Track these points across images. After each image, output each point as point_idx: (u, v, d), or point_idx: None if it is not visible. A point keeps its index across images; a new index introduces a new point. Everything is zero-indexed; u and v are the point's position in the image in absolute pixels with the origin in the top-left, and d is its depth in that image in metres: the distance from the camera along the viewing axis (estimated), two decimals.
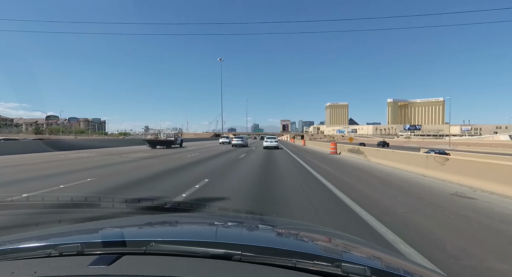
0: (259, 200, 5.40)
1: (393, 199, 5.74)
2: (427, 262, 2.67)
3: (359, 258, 1.11)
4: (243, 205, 4.89)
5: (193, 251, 0.87)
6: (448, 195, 6.00)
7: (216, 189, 6.39)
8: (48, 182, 6.97)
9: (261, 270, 0.77)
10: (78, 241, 0.93)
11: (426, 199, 5.60)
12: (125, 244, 0.93)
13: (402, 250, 2.96)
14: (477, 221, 4.19)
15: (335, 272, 0.78)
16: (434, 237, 3.43)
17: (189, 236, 1.26)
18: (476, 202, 5.40)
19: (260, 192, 6.12)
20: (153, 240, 0.93)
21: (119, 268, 0.76)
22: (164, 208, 3.83)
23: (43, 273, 0.75)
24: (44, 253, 0.89)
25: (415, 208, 4.96)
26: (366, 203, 5.17)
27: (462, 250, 3.05)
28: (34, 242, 1.02)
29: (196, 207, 3.83)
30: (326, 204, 5.21)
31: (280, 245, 1.12)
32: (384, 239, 3.31)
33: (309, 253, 0.91)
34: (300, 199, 5.43)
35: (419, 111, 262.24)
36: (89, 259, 0.82)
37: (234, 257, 0.83)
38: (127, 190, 6.10)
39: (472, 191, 6.36)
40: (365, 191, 6.56)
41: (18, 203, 4.61)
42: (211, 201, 5.18)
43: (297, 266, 0.80)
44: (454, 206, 5.11)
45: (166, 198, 5.19)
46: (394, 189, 6.82)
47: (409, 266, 1.06)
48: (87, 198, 4.36)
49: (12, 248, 0.95)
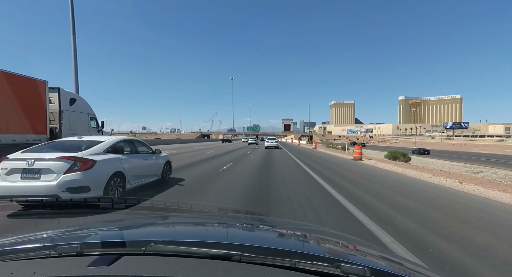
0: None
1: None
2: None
3: (358, 259, 1.14)
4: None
5: (193, 252, 0.88)
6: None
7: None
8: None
9: (261, 270, 0.79)
10: (77, 242, 0.96)
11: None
12: (124, 245, 0.95)
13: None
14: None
15: (334, 272, 0.79)
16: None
17: (188, 236, 1.28)
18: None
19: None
20: (152, 240, 0.95)
21: (118, 269, 0.78)
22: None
23: (43, 273, 0.77)
24: (44, 253, 0.91)
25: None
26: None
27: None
28: (33, 242, 1.04)
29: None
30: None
31: (279, 245, 1.15)
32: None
33: (308, 254, 0.93)
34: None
35: (433, 109, 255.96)
36: (88, 259, 0.84)
37: (233, 257, 0.85)
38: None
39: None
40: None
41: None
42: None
43: (297, 266, 0.81)
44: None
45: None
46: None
47: (408, 266, 1.07)
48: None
49: (11, 249, 0.97)
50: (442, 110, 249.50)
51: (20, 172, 4.37)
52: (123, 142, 6.13)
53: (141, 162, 6.28)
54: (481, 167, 16.13)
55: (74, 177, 4.41)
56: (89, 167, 4.64)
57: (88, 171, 4.60)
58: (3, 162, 4.48)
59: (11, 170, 4.38)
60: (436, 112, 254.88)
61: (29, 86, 10.06)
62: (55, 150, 4.87)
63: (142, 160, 6.37)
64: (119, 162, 5.39)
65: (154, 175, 6.80)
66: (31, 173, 4.37)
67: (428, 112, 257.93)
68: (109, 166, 5.07)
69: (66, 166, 4.43)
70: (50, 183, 4.26)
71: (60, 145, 5.28)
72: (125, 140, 6.33)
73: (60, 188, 4.25)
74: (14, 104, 9.17)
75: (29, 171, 4.37)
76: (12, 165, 4.41)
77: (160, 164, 7.15)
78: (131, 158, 5.92)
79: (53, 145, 5.34)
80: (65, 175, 4.37)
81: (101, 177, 4.79)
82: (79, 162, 4.55)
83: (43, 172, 4.37)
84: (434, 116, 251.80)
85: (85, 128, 12.76)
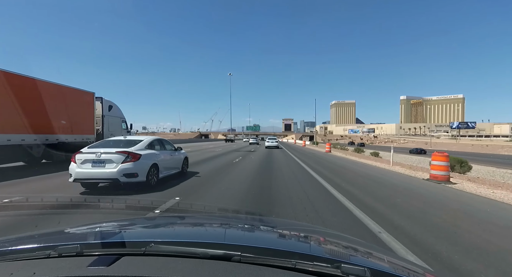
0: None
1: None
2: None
3: (358, 259, 1.13)
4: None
5: (193, 252, 0.88)
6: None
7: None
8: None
9: (261, 271, 0.79)
10: (77, 242, 0.96)
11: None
12: (124, 245, 0.95)
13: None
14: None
15: (334, 273, 0.79)
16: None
17: (188, 237, 1.28)
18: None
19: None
20: (152, 240, 0.95)
21: (118, 269, 0.78)
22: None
23: (42, 274, 0.77)
24: (43, 254, 0.91)
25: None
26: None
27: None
28: (33, 243, 1.04)
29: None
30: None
31: (279, 246, 1.15)
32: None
33: (308, 254, 0.93)
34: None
35: (435, 109, 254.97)
36: (88, 260, 0.84)
37: (233, 258, 0.85)
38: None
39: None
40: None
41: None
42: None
43: (297, 267, 0.81)
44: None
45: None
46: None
47: (408, 267, 1.08)
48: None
49: (11, 249, 0.98)
50: (444, 110, 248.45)
51: (91, 161, 5.98)
52: (156, 140, 7.66)
53: (168, 157, 7.76)
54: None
55: (128, 166, 6.01)
56: (137, 159, 6.19)
57: (137, 162, 6.15)
58: (78, 154, 6.08)
59: (85, 160, 5.99)
60: (438, 112, 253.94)
61: (82, 97, 12.77)
62: (111, 146, 6.44)
63: (169, 155, 7.83)
64: (155, 156, 6.91)
65: (176, 167, 8.29)
66: (98, 162, 5.98)
67: (430, 112, 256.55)
68: (149, 159, 6.56)
69: (122, 158, 6.02)
70: (113, 170, 5.90)
71: (113, 142, 6.94)
72: (157, 139, 7.85)
73: (119, 173, 5.89)
74: (74, 112, 12.07)
75: (97, 161, 5.99)
76: (85, 157, 6.02)
77: (180, 159, 8.65)
78: (161, 153, 7.37)
79: (108, 142, 7.05)
80: (122, 164, 5.97)
81: (144, 167, 6.29)
82: (130, 155, 6.11)
83: (106, 162, 5.97)
84: (436, 116, 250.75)
85: (118, 130, 15.38)
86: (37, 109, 10.05)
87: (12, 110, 8.98)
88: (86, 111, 12.86)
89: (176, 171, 8.16)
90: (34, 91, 9.94)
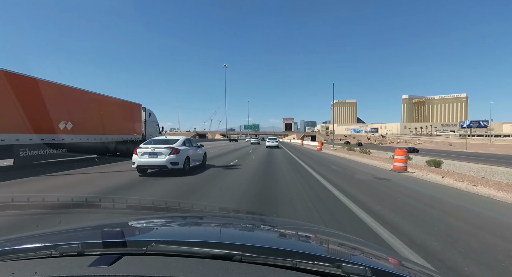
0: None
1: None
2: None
3: (359, 259, 1.13)
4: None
5: (194, 252, 0.89)
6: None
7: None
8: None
9: (262, 270, 0.79)
10: (78, 242, 0.96)
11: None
12: (125, 245, 0.96)
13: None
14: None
15: (335, 272, 0.80)
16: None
17: (189, 236, 1.29)
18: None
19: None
20: (153, 240, 0.96)
21: (119, 269, 0.78)
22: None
23: (44, 273, 0.77)
24: (45, 253, 0.92)
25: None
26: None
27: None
28: (35, 242, 1.05)
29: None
30: None
31: (280, 245, 1.15)
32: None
33: (309, 254, 0.93)
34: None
35: (438, 108, 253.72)
36: (89, 259, 0.84)
37: (234, 257, 0.85)
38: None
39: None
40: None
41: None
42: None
43: (298, 266, 0.82)
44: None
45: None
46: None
47: (410, 266, 1.08)
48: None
49: (12, 249, 0.98)
50: (447, 109, 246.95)
51: (148, 154, 8.90)
52: (186, 139, 10.45)
53: (195, 152, 10.43)
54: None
55: (173, 157, 8.86)
56: (178, 152, 9.01)
57: (178, 154, 8.97)
58: (138, 149, 9.02)
59: (143, 153, 8.90)
60: (441, 111, 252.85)
61: (135, 108, 18.60)
62: (159, 143, 9.30)
63: (195, 151, 10.51)
64: (187, 150, 9.61)
65: (199, 160, 10.93)
66: (153, 154, 8.89)
67: (433, 111, 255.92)
68: (184, 153, 9.32)
69: (168, 151, 8.87)
70: (163, 160, 8.78)
71: (160, 141, 9.73)
72: (187, 139, 10.64)
73: (167, 162, 8.76)
74: (130, 119, 18.01)
75: (152, 153, 8.90)
76: (143, 151, 8.93)
77: (202, 154, 11.43)
78: (191, 149, 10.06)
79: (156, 140, 9.91)
80: (169, 156, 8.81)
81: (182, 158, 9.08)
82: (174, 150, 8.95)
83: (158, 154, 8.86)
84: (439, 115, 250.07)
85: (154, 132, 20.41)
86: (113, 118, 15.96)
87: (99, 122, 14.61)
88: (137, 118, 18.75)
89: (199, 163, 10.82)
90: (113, 108, 16.18)
